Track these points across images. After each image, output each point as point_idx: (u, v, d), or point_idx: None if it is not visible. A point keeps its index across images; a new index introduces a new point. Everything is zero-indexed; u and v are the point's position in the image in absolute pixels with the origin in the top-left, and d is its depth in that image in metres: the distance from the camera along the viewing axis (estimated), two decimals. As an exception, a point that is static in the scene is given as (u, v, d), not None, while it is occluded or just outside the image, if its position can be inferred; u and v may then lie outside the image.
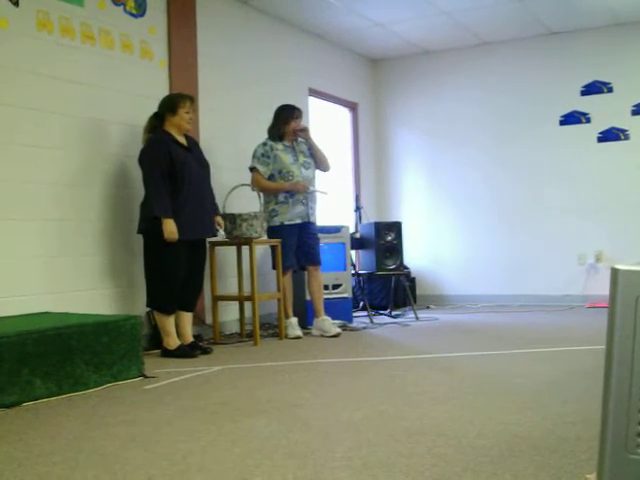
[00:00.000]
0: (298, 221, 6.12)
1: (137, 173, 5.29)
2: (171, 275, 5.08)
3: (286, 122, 6.19)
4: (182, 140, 5.24)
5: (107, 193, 5.34)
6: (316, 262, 6.27)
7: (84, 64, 5.19)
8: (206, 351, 5.28)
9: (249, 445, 2.82)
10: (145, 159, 5.08)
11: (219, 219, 5.57)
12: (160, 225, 4.96)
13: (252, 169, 6.10)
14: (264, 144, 6.13)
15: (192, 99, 5.31)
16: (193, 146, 5.35)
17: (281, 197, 6.07)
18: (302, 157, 6.20)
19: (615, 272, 1.62)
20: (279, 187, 6.07)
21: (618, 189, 7.86)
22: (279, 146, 6.12)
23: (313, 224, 6.25)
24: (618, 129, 7.89)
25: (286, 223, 6.07)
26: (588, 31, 7.96)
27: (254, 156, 6.11)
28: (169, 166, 5.02)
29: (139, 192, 5.27)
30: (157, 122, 5.21)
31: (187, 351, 5.13)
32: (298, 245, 6.17)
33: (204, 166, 5.38)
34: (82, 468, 2.59)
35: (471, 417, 3.19)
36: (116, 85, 5.44)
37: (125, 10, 5.52)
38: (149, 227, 5.05)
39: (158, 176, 4.99)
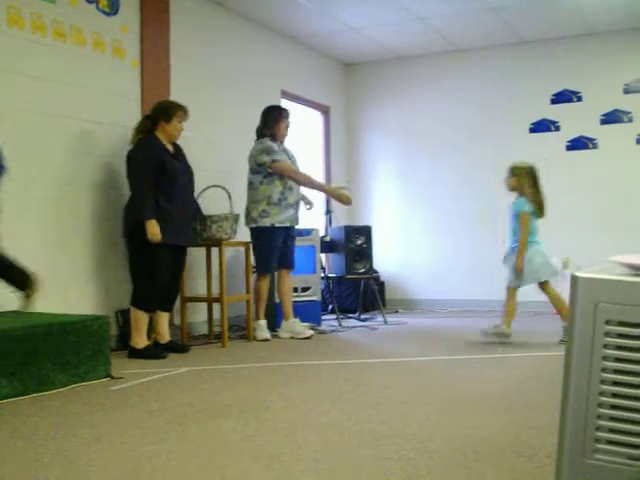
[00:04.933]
0: (287, 224, 6.11)
1: (107, 172, 5.27)
2: (156, 276, 5.11)
3: (276, 122, 6.18)
4: (170, 148, 5.27)
5: (81, 191, 5.28)
6: (292, 266, 6.27)
7: (55, 61, 5.14)
8: (185, 349, 5.36)
9: (215, 447, 2.82)
10: (136, 161, 5.10)
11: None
12: (143, 227, 4.99)
13: (273, 162, 5.99)
14: (270, 140, 6.09)
15: (186, 111, 5.34)
16: (178, 153, 5.38)
17: (275, 198, 6.03)
18: (293, 160, 6.22)
19: (575, 279, 1.64)
20: (317, 183, 6.24)
21: (586, 197, 7.94)
22: (276, 146, 6.11)
23: (295, 228, 6.26)
24: (587, 138, 7.98)
25: (277, 225, 6.05)
26: (559, 40, 8.05)
27: (271, 150, 6.02)
28: (159, 172, 5.06)
29: (114, 192, 5.25)
30: (149, 125, 5.23)
31: (155, 352, 5.12)
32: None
33: (189, 174, 5.41)
34: (47, 468, 2.57)
35: (438, 421, 3.21)
36: (87, 83, 5.39)
37: (97, 8, 5.48)
38: (136, 230, 5.06)
39: (147, 179, 5.03)
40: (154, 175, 5.04)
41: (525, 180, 5.80)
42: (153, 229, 5.00)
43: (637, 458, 1.56)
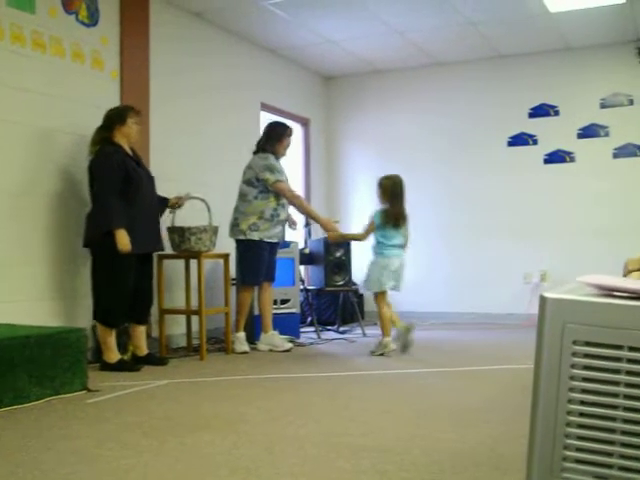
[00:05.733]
0: (275, 240, 6.11)
1: (79, 183, 5.25)
2: (120, 288, 5.03)
3: (279, 139, 6.15)
4: (130, 154, 5.20)
5: (53, 203, 5.25)
6: (273, 278, 6.26)
7: (34, 72, 5.13)
8: (163, 362, 5.32)
9: (192, 461, 2.81)
10: (99, 170, 5.00)
11: (173, 199, 5.64)
12: (111, 238, 4.89)
13: (276, 182, 5.96)
14: (273, 158, 6.07)
15: (138, 112, 5.29)
16: (138, 159, 5.32)
17: (267, 214, 6.00)
18: (286, 177, 6.20)
19: (543, 300, 1.66)
20: (313, 213, 6.23)
21: (563, 210, 8.01)
22: (279, 165, 6.11)
23: (279, 244, 6.27)
24: (564, 151, 8.05)
25: (266, 240, 6.04)
26: (537, 55, 8.13)
27: (275, 169, 6.00)
28: (123, 178, 4.98)
29: (85, 203, 5.21)
30: (105, 134, 5.14)
31: (127, 365, 5.08)
32: None
33: (151, 180, 5.36)
34: (21, 483, 2.55)
35: (414, 434, 3.21)
36: (66, 94, 5.38)
37: (77, 19, 5.48)
38: (99, 240, 4.98)
39: (109, 188, 4.93)
40: (119, 182, 4.96)
41: (386, 192, 6.05)
42: (123, 239, 4.90)
43: (603, 477, 1.57)
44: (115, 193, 4.93)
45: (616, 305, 1.59)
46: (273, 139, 6.15)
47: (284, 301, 6.83)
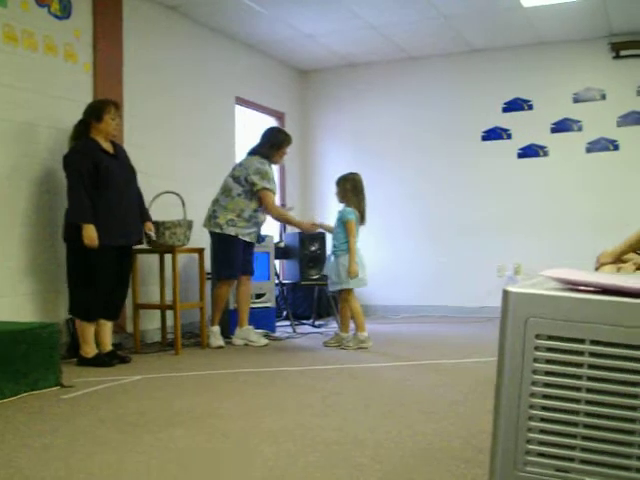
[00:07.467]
0: (247, 239, 6.11)
1: (56, 177, 5.22)
2: (97, 282, 5.01)
3: (279, 147, 6.15)
4: (108, 147, 5.18)
5: (29, 196, 5.21)
6: (252, 272, 6.27)
7: (7, 66, 5.07)
8: (125, 360, 5.21)
9: (166, 456, 2.81)
10: (67, 166, 5.01)
11: (149, 225, 5.51)
12: (82, 232, 4.89)
13: (263, 189, 5.98)
14: (268, 164, 6.08)
15: (117, 105, 5.26)
16: (120, 152, 5.30)
17: (246, 214, 6.01)
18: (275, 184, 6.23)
19: (506, 294, 1.67)
20: (294, 220, 6.28)
21: (536, 204, 8.07)
22: (272, 174, 6.12)
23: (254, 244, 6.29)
24: (537, 146, 8.10)
25: (240, 237, 6.04)
26: (510, 49, 8.17)
27: (267, 177, 6.02)
28: (92, 173, 4.96)
29: (60, 196, 5.18)
30: (83, 129, 5.14)
31: (104, 360, 5.05)
32: None
33: (130, 172, 5.33)
34: (-6, 480, 2.54)
35: (389, 427, 3.23)
36: (39, 87, 5.33)
37: (49, 11, 5.43)
38: (71, 234, 4.97)
39: (78, 183, 4.92)
40: (89, 178, 4.94)
41: (348, 190, 6.05)
42: (90, 233, 4.89)
43: (565, 470, 1.59)
44: (82, 188, 4.92)
45: (578, 299, 1.60)
46: (273, 146, 6.14)
47: (259, 295, 6.83)
